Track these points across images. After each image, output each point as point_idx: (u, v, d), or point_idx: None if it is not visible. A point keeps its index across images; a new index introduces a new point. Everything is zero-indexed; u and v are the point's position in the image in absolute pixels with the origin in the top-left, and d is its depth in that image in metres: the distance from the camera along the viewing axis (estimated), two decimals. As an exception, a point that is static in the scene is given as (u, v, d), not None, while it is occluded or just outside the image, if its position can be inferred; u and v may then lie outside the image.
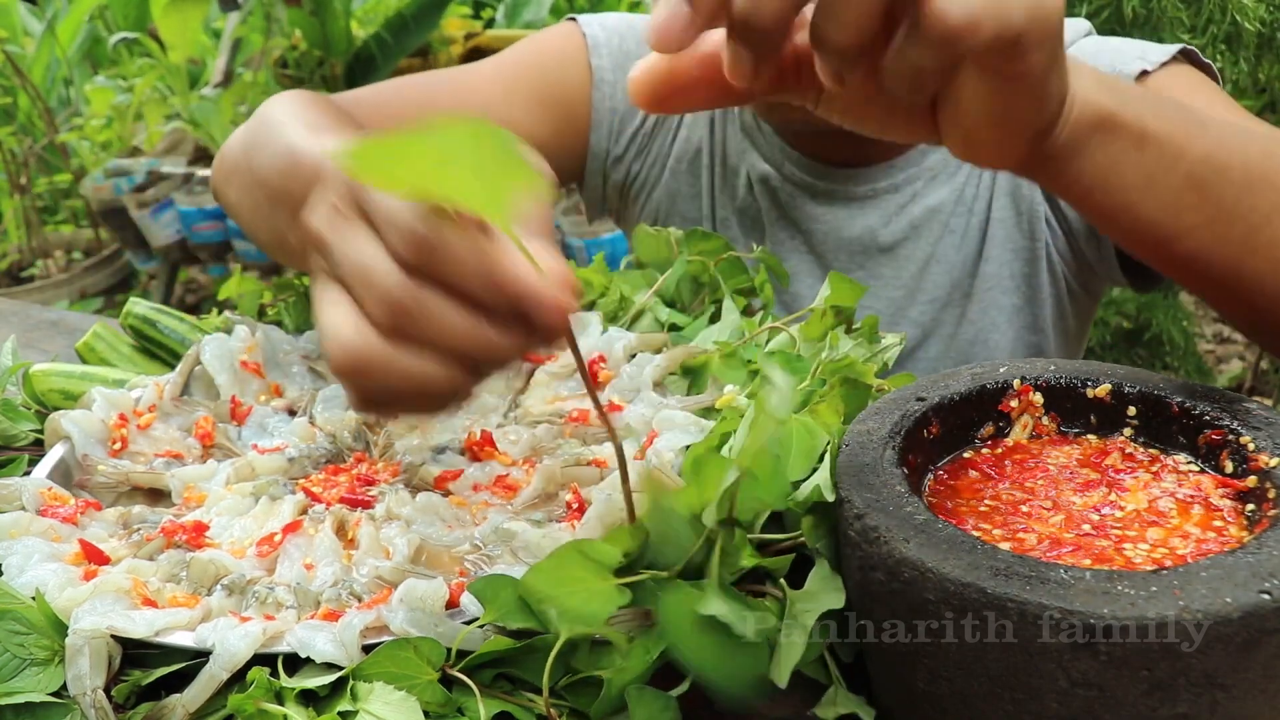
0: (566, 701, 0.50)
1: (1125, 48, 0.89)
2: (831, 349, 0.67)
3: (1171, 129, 0.51)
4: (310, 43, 3.35)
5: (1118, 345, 1.89)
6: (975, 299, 0.99)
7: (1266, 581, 0.40)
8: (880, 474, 0.50)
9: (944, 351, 1.01)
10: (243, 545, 0.63)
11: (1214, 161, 0.52)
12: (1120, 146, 0.50)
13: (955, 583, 0.42)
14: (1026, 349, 1.01)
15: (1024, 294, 0.98)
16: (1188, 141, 0.51)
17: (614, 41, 1.05)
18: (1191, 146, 0.51)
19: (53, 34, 3.70)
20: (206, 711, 0.50)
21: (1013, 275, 0.98)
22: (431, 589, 0.53)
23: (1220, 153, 0.52)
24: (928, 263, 0.99)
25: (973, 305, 0.99)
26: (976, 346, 1.00)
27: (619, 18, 1.07)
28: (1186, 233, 0.53)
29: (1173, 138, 0.51)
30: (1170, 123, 0.51)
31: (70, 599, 0.55)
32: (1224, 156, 0.52)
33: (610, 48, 1.04)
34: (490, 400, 0.78)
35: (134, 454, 0.73)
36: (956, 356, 1.01)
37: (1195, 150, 0.51)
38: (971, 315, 1.00)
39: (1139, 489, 0.51)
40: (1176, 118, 0.51)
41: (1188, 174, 0.51)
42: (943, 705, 0.46)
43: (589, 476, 0.65)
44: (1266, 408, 0.53)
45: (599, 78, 1.03)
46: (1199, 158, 0.51)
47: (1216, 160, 0.52)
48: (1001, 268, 0.98)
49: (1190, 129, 0.51)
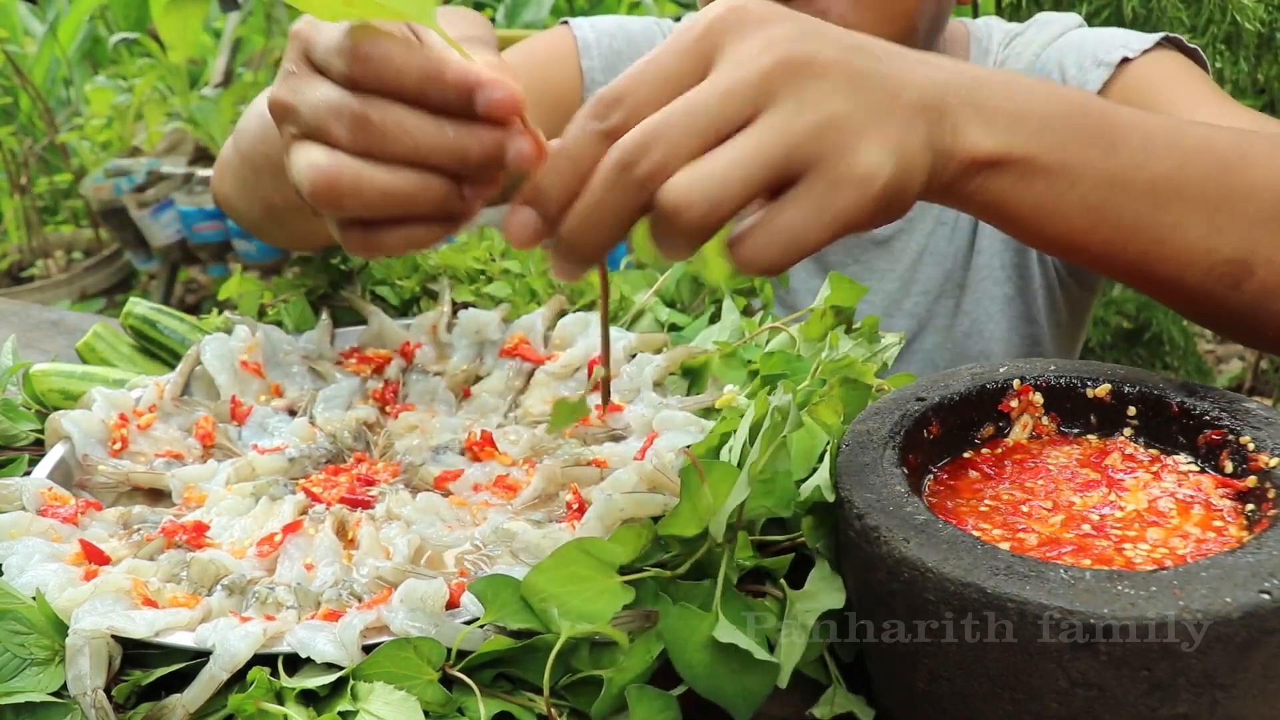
0: (567, 701, 0.50)
1: (1110, 37, 0.89)
2: (831, 349, 0.67)
3: (1068, 157, 0.51)
4: (310, 43, 3.34)
5: (1118, 345, 1.89)
6: (969, 290, 0.99)
7: (1266, 581, 0.40)
8: (880, 474, 0.50)
9: (940, 344, 1.02)
10: (243, 545, 0.63)
11: (1117, 183, 0.52)
12: (1008, 181, 0.50)
13: (955, 583, 0.42)
14: (1022, 340, 1.01)
15: (1016, 284, 0.99)
16: (1085, 168, 0.51)
17: (604, 43, 1.06)
18: (1089, 172, 0.51)
19: (53, 34, 3.70)
20: (207, 711, 0.50)
21: (1004, 265, 0.98)
22: (431, 589, 0.53)
23: (1126, 173, 0.52)
24: (921, 254, 1.00)
25: (966, 296, 1.00)
26: (972, 339, 1.01)
27: (611, 20, 1.09)
28: (1085, 247, 0.54)
29: (1068, 167, 0.51)
30: (1069, 150, 0.51)
31: (70, 599, 0.55)
32: (1130, 176, 0.52)
33: (601, 48, 1.06)
34: (490, 400, 0.78)
35: (134, 454, 0.73)
36: (953, 349, 1.01)
37: (1093, 176, 0.51)
38: (966, 306, 1.00)
39: (1139, 489, 0.51)
40: (1079, 144, 0.51)
41: (1081, 200, 0.51)
42: (943, 705, 0.46)
43: (589, 476, 0.65)
44: (1266, 408, 0.53)
45: (590, 79, 1.05)
46: (1098, 182, 0.51)
47: (1120, 181, 0.52)
48: (993, 258, 0.98)
49: (1093, 154, 0.51)
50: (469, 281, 0.90)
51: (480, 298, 0.88)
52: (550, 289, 0.89)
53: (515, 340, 0.81)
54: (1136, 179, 0.52)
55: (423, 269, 0.92)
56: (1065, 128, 0.51)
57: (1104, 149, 0.52)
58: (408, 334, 0.84)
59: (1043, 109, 0.51)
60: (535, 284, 0.89)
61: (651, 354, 0.77)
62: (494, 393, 0.78)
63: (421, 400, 0.80)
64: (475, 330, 0.82)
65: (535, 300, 0.88)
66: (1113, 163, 0.52)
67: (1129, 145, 0.52)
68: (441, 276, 0.90)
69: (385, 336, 0.85)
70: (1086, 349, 1.87)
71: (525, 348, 0.81)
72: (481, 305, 0.87)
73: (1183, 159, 0.53)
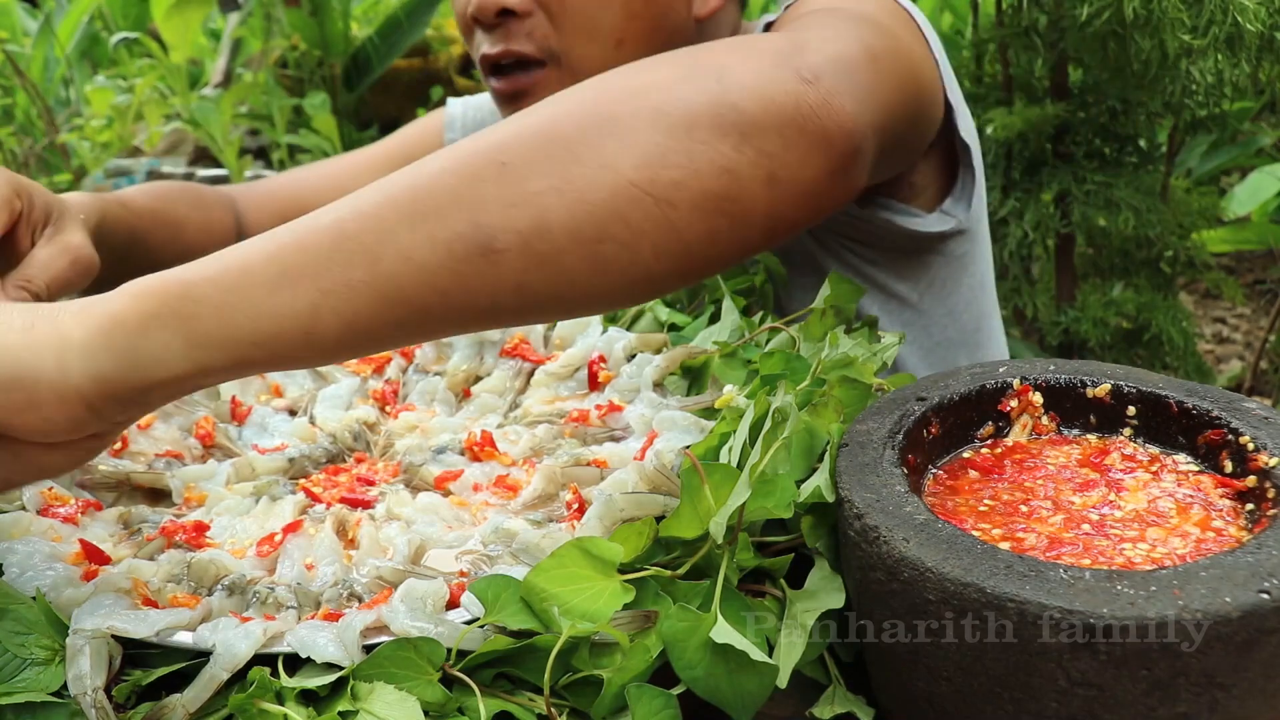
0: (567, 701, 0.50)
1: None
2: (831, 349, 0.67)
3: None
4: (309, 44, 3.35)
5: (1117, 345, 1.89)
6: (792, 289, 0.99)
7: (1266, 581, 0.40)
8: (880, 474, 0.50)
9: None
10: (243, 545, 0.63)
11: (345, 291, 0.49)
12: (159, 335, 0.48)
13: (955, 583, 0.42)
14: (888, 317, 0.99)
15: (814, 268, 0.98)
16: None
17: (469, 114, 1.13)
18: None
19: (50, 34, 3.70)
20: (207, 711, 0.50)
21: (803, 253, 0.98)
22: (431, 589, 0.53)
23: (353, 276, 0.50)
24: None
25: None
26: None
27: (485, 97, 1.14)
28: (397, 330, 0.52)
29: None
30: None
31: (71, 599, 0.55)
32: (355, 275, 0.49)
33: (465, 120, 1.12)
34: (490, 400, 0.78)
35: (134, 454, 0.73)
36: None
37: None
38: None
39: (1139, 489, 0.51)
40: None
41: (336, 312, 0.49)
42: (943, 705, 0.46)
43: (589, 476, 0.65)
44: (1266, 408, 0.53)
45: None
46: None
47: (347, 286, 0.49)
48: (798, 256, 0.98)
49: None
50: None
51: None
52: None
53: (515, 340, 0.81)
54: (333, 261, 0.49)
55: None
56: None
57: (335, 264, 0.49)
58: (408, 334, 0.84)
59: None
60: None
61: (651, 354, 0.77)
62: (494, 393, 0.78)
63: (421, 400, 0.80)
64: (475, 330, 0.82)
65: (535, 300, 0.88)
66: (349, 272, 0.49)
67: (320, 250, 0.50)
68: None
69: (385, 336, 0.85)
70: (1087, 349, 1.87)
71: (525, 348, 0.81)
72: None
73: (362, 206, 0.51)
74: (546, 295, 0.51)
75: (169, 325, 0.48)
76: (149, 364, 0.48)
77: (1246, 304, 2.98)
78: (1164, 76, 1.50)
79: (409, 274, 0.49)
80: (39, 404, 0.48)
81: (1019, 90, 1.83)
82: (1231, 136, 2.73)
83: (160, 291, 0.49)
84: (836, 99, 0.54)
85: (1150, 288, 1.92)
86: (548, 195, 0.50)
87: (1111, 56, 1.49)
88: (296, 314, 0.49)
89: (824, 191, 0.54)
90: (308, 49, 3.38)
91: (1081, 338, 1.85)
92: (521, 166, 0.50)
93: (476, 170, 0.51)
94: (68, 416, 0.48)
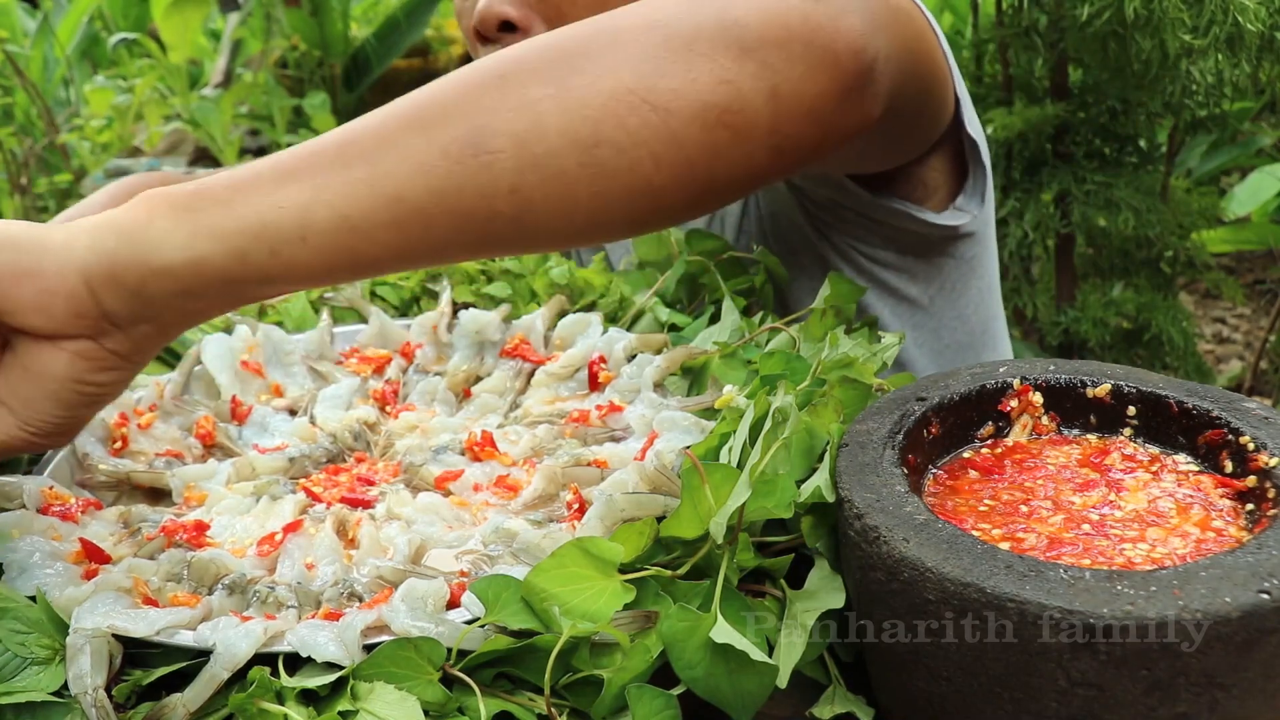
0: (567, 701, 0.50)
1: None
2: (831, 349, 0.67)
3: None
4: (309, 44, 3.35)
5: (1117, 345, 1.89)
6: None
7: (1266, 581, 0.40)
8: (880, 474, 0.50)
9: None
10: (243, 545, 0.63)
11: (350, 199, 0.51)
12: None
13: (955, 583, 0.42)
14: (899, 320, 0.99)
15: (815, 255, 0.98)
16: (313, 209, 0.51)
17: None
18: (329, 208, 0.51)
19: (48, 34, 3.70)
20: (207, 711, 0.50)
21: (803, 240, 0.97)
22: (432, 589, 0.54)
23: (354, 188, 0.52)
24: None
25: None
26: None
27: None
28: (413, 253, 0.53)
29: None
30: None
31: (71, 598, 0.55)
32: (367, 187, 0.51)
33: None
34: (490, 400, 0.78)
35: (135, 453, 0.73)
36: None
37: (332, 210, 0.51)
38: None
39: (1139, 489, 0.51)
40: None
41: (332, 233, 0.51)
42: (943, 705, 0.46)
43: (589, 477, 0.65)
44: (1266, 408, 0.53)
45: None
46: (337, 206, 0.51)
47: (354, 197, 0.51)
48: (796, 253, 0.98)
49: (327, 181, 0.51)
50: (469, 282, 0.90)
51: (480, 298, 0.88)
52: (550, 289, 0.89)
53: (515, 340, 0.81)
54: (347, 161, 0.51)
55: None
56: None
57: (336, 164, 0.51)
58: (408, 334, 0.84)
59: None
60: (535, 284, 0.89)
61: (651, 354, 0.77)
62: (494, 393, 0.78)
63: (422, 400, 0.80)
64: (475, 330, 0.82)
65: (535, 300, 0.88)
66: (349, 171, 0.51)
67: (330, 150, 0.52)
68: (442, 276, 0.90)
69: (385, 336, 0.85)
70: (1086, 349, 1.87)
71: (525, 348, 0.81)
72: (482, 305, 0.87)
73: (380, 116, 0.53)
74: (543, 203, 0.52)
75: (171, 216, 0.51)
76: (148, 247, 0.50)
77: (1246, 304, 2.98)
78: (1164, 76, 1.50)
79: (405, 172, 0.51)
80: (40, 272, 0.50)
81: (1019, 90, 1.84)
82: (1231, 136, 2.73)
83: (168, 192, 0.51)
84: (845, 17, 0.53)
85: (1150, 288, 1.92)
86: (545, 101, 0.51)
87: (1111, 56, 1.49)
88: (294, 204, 0.51)
89: (831, 110, 0.54)
90: (308, 49, 3.38)
91: (1081, 338, 1.85)
92: (521, 76, 0.52)
93: (479, 81, 0.52)
94: (67, 291, 0.50)
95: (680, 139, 0.51)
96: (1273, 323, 2.26)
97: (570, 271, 0.89)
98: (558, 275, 0.89)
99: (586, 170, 0.51)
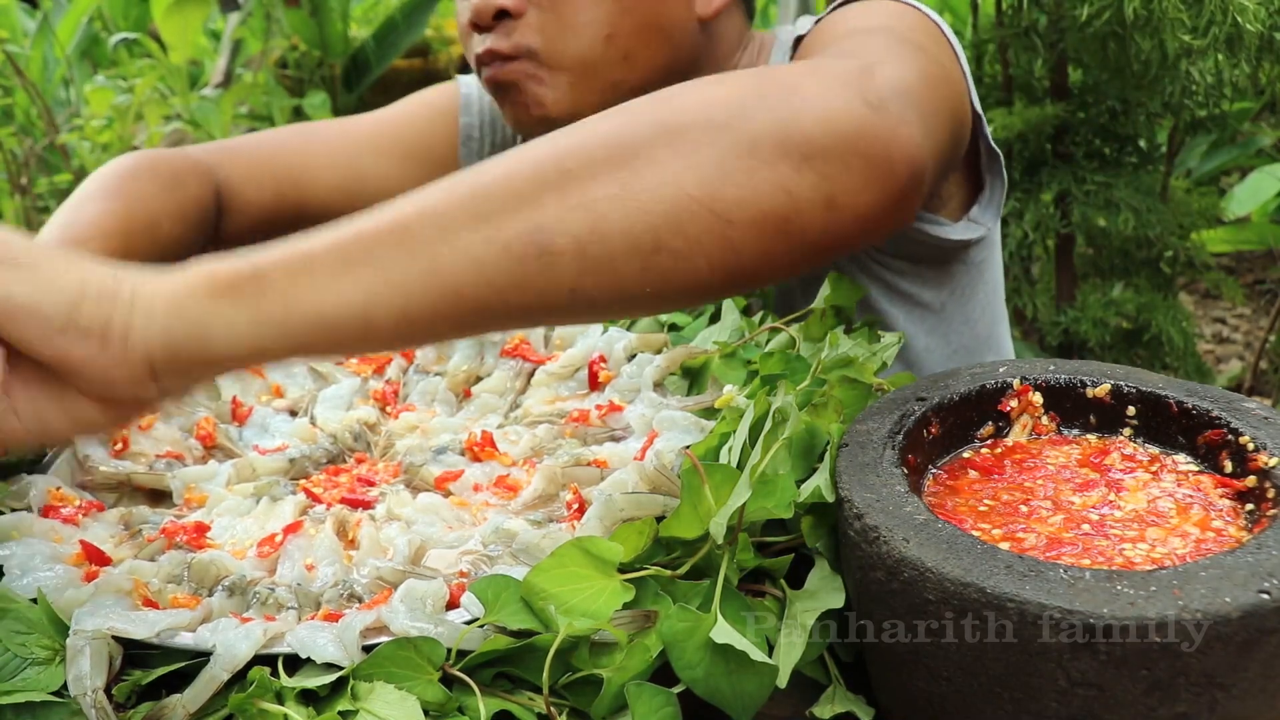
0: (567, 700, 0.50)
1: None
2: (831, 349, 0.67)
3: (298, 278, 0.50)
4: (309, 44, 3.35)
5: (1117, 345, 1.89)
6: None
7: (1266, 581, 0.40)
8: (880, 474, 0.50)
9: None
10: (244, 546, 0.63)
11: (423, 279, 0.51)
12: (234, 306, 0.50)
13: (955, 583, 0.42)
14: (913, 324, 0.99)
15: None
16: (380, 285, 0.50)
17: (486, 99, 1.08)
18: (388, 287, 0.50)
19: (48, 34, 3.70)
20: (207, 711, 0.50)
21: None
22: (431, 589, 0.54)
23: (422, 266, 0.51)
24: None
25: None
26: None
27: None
28: (459, 323, 0.53)
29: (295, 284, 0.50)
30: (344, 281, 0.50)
31: (71, 600, 0.55)
32: (430, 268, 0.51)
33: (482, 105, 1.08)
34: (490, 400, 0.78)
35: (135, 454, 0.73)
36: None
37: (392, 284, 0.50)
38: None
39: (1138, 489, 0.51)
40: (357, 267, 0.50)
41: (402, 309, 0.51)
42: (943, 705, 0.46)
43: (589, 477, 0.65)
44: (1266, 408, 0.53)
45: (466, 134, 1.07)
46: (402, 288, 0.50)
47: (416, 278, 0.51)
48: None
49: (392, 266, 0.50)
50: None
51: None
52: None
53: (516, 340, 0.81)
54: (394, 257, 0.51)
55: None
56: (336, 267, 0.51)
57: (397, 256, 0.51)
58: (408, 334, 0.84)
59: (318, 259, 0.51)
60: (535, 284, 0.89)
61: (651, 354, 0.77)
62: (494, 393, 0.78)
63: (422, 400, 0.80)
64: (475, 330, 0.82)
65: (535, 301, 0.88)
66: (411, 265, 0.51)
67: (420, 237, 0.51)
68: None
69: (385, 337, 0.85)
70: (1086, 349, 1.87)
71: (526, 348, 0.81)
72: (482, 306, 0.87)
73: (431, 200, 0.52)
74: (599, 298, 0.53)
75: (236, 302, 0.50)
76: (213, 337, 0.50)
77: (1246, 304, 2.98)
78: (1164, 77, 1.50)
79: (465, 267, 0.51)
80: (108, 354, 0.50)
81: (1019, 90, 1.83)
82: (1231, 137, 2.73)
83: (231, 271, 0.51)
84: (904, 128, 0.54)
85: (1150, 288, 1.92)
86: (608, 202, 0.51)
87: (1111, 57, 1.49)
88: (355, 302, 0.50)
89: (882, 217, 0.55)
90: (307, 49, 3.38)
91: (1081, 338, 1.85)
92: (584, 172, 0.51)
93: (540, 174, 0.52)
94: (129, 374, 0.50)
95: (737, 246, 0.52)
96: (1273, 323, 2.26)
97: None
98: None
99: (643, 272, 0.52)
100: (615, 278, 0.52)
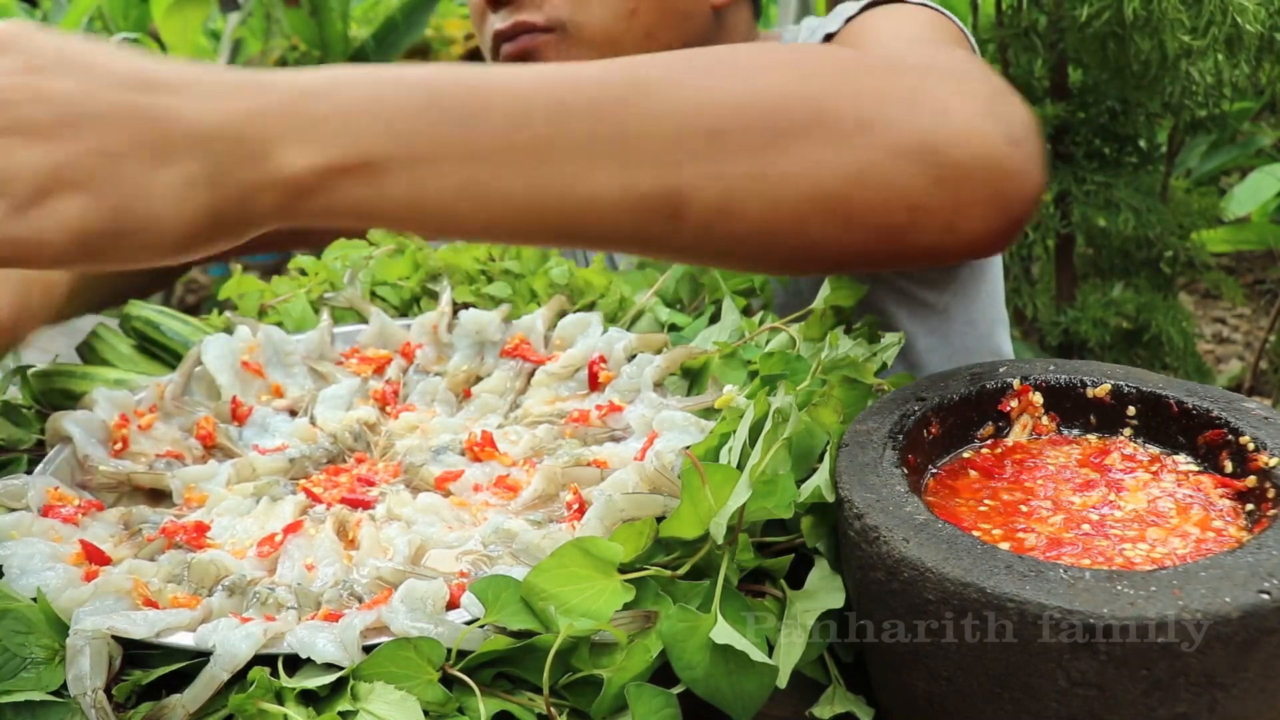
0: (567, 701, 0.50)
1: (840, 9, 0.90)
2: (831, 349, 0.67)
3: (417, 148, 0.49)
4: (308, 44, 3.36)
5: (1117, 345, 1.89)
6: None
7: (1266, 581, 0.40)
8: (880, 474, 0.50)
9: None
10: (244, 546, 0.63)
11: (488, 155, 0.50)
12: (358, 188, 0.48)
13: (955, 583, 0.42)
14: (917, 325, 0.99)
15: None
16: (444, 151, 0.49)
17: None
18: (450, 154, 0.49)
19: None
20: (207, 711, 0.50)
21: None
22: (431, 589, 0.54)
23: (497, 140, 0.50)
24: None
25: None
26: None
27: None
28: (487, 226, 0.52)
29: (421, 156, 0.49)
30: (418, 139, 0.49)
31: (71, 599, 0.55)
32: (502, 142, 0.49)
33: None
34: (491, 400, 0.78)
35: (135, 454, 0.73)
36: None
37: (455, 156, 0.49)
38: None
39: (1139, 489, 0.51)
40: (433, 128, 0.49)
41: (453, 183, 0.49)
42: (943, 705, 0.46)
43: (589, 477, 0.65)
44: (1266, 408, 0.53)
45: None
46: (464, 160, 0.49)
47: (490, 151, 0.49)
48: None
49: (452, 134, 0.49)
50: (469, 282, 0.90)
51: (481, 298, 0.88)
52: (551, 289, 0.89)
53: (516, 340, 0.81)
54: (512, 143, 0.50)
55: (423, 269, 0.92)
56: (414, 115, 0.49)
57: (466, 125, 0.49)
58: (408, 334, 0.84)
59: (386, 102, 0.49)
60: (536, 284, 0.89)
61: (651, 354, 0.77)
62: (494, 393, 0.78)
63: (422, 400, 0.80)
64: (476, 330, 0.82)
65: (536, 301, 0.88)
66: (478, 136, 0.49)
67: (498, 111, 0.50)
68: (442, 277, 0.90)
69: (386, 337, 0.85)
70: (1086, 349, 1.87)
71: (526, 348, 0.81)
72: (482, 305, 0.87)
73: (563, 102, 0.51)
74: (704, 258, 0.56)
75: (362, 181, 0.49)
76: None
77: (1246, 304, 2.98)
78: (1164, 77, 1.50)
79: (591, 209, 0.51)
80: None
81: (1019, 90, 1.84)
82: (1231, 137, 2.73)
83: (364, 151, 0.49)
84: (1032, 167, 0.54)
85: (1150, 288, 1.92)
86: (746, 181, 0.51)
87: (1111, 57, 1.49)
88: (469, 199, 0.50)
89: (986, 247, 0.56)
90: (307, 49, 3.38)
91: (1081, 338, 1.85)
92: (732, 142, 0.51)
93: (689, 130, 0.51)
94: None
95: (845, 245, 0.52)
96: (1272, 323, 2.26)
97: (570, 271, 0.89)
98: (558, 275, 0.89)
99: (755, 251, 0.53)
100: (728, 249, 0.53)
